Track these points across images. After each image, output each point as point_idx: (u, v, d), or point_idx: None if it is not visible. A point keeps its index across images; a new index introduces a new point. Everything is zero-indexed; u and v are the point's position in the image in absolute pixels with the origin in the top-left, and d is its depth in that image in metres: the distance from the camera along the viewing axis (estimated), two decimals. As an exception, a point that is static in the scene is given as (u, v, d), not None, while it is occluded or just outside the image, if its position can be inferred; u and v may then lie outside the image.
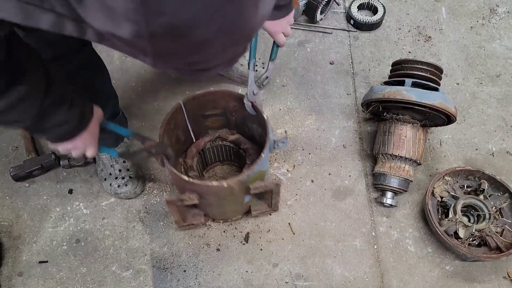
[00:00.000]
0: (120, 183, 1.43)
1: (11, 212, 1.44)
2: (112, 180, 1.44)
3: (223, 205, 1.31)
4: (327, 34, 1.90)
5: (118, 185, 1.43)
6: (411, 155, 1.42)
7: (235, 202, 1.30)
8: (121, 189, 1.43)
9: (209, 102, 1.32)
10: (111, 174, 1.45)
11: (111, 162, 1.46)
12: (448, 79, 1.77)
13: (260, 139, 1.41)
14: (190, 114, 1.33)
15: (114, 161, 1.46)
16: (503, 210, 1.40)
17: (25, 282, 1.32)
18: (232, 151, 1.48)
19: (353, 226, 1.45)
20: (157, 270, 1.35)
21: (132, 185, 1.44)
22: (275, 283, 1.34)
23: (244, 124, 1.42)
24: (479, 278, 1.36)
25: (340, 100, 1.72)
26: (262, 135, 1.38)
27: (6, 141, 1.58)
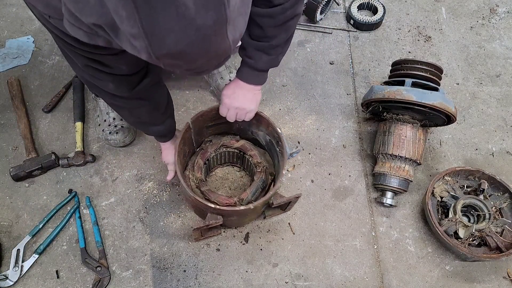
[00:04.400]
0: (111, 130, 1.50)
1: (11, 212, 1.44)
2: (105, 126, 1.52)
3: (243, 219, 1.35)
4: (327, 34, 1.90)
5: (109, 132, 1.50)
6: (411, 155, 1.42)
7: (254, 214, 1.35)
8: (112, 135, 1.50)
9: (215, 115, 1.33)
10: (105, 121, 1.52)
11: (107, 109, 1.53)
12: (448, 79, 1.77)
13: (266, 144, 1.42)
14: (196, 129, 1.35)
15: (110, 108, 1.53)
16: (503, 210, 1.40)
17: (25, 282, 1.32)
18: (236, 155, 1.48)
19: (353, 226, 1.45)
20: (157, 270, 1.35)
21: (123, 134, 1.50)
22: (275, 283, 1.34)
23: (248, 130, 1.43)
24: (479, 278, 1.36)
25: (340, 100, 1.72)
26: (270, 142, 1.38)
27: (6, 141, 1.57)
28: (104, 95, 1.07)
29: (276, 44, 1.13)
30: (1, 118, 1.62)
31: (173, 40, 0.56)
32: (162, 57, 0.60)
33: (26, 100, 1.65)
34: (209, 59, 0.65)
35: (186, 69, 0.67)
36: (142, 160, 1.55)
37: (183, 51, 0.59)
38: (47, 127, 1.61)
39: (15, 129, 1.59)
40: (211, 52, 0.62)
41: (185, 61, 0.63)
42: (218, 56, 0.66)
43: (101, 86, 1.02)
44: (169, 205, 1.46)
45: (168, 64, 0.63)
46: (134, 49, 0.61)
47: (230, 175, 1.54)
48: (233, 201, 1.29)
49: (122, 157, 1.55)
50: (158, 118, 1.21)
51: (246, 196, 1.31)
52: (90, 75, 0.98)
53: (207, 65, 0.67)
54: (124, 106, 1.12)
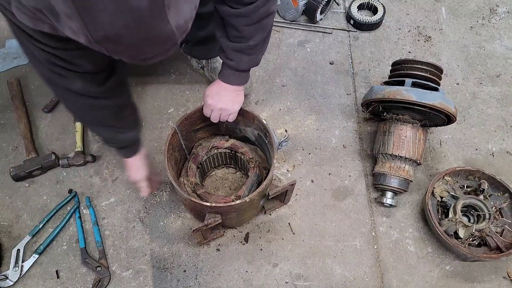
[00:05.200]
0: None
1: (11, 212, 1.44)
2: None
3: (242, 215, 1.34)
4: (327, 34, 1.90)
5: None
6: (411, 155, 1.42)
7: (253, 208, 1.35)
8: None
9: (200, 117, 1.33)
10: None
11: None
12: (448, 79, 1.77)
13: (256, 139, 1.42)
14: (184, 133, 1.35)
15: None
16: (503, 210, 1.40)
17: (25, 282, 1.32)
18: (228, 156, 1.48)
19: (353, 226, 1.45)
20: (157, 270, 1.35)
21: None
22: (275, 283, 1.34)
23: (236, 128, 1.43)
24: (479, 278, 1.36)
25: (340, 100, 1.72)
26: (259, 136, 1.38)
27: (6, 141, 1.58)
28: (69, 95, 1.01)
29: (254, 44, 1.14)
30: (1, 118, 1.62)
31: (108, 21, 0.55)
32: (101, 41, 0.58)
33: (26, 100, 1.65)
34: (150, 45, 0.63)
35: (130, 55, 0.64)
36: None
37: (120, 34, 0.57)
38: (47, 127, 1.61)
39: (15, 129, 1.59)
40: (150, 36, 0.60)
41: (125, 46, 0.60)
42: (160, 42, 0.63)
43: (67, 85, 0.97)
44: (169, 205, 1.46)
45: (110, 49, 0.61)
46: (73, 33, 0.58)
47: (230, 175, 1.54)
48: (230, 199, 1.30)
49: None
50: (125, 121, 1.16)
51: (243, 193, 1.31)
52: (55, 73, 0.93)
53: (150, 51, 0.65)
54: (91, 106, 1.05)
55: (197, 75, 1.76)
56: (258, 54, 1.20)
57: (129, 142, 1.21)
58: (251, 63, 1.21)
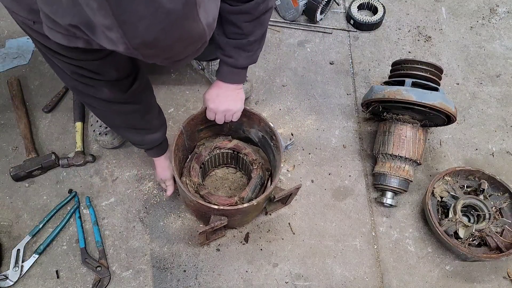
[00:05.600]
0: (101, 131, 1.51)
1: (11, 212, 1.44)
2: (96, 127, 1.53)
3: (246, 216, 1.35)
4: (327, 34, 1.90)
5: (99, 133, 1.51)
6: (411, 155, 1.42)
7: (257, 210, 1.36)
8: (101, 137, 1.50)
9: (205, 117, 1.33)
10: (97, 121, 1.54)
11: None
12: (448, 79, 1.77)
13: (259, 141, 1.42)
14: (188, 133, 1.36)
15: None
16: (503, 210, 1.40)
17: (25, 282, 1.32)
18: (230, 156, 1.49)
19: (353, 226, 1.45)
20: (157, 270, 1.35)
21: (111, 136, 1.51)
22: (275, 283, 1.34)
23: (240, 128, 1.43)
24: (479, 278, 1.36)
25: (340, 100, 1.72)
26: (263, 138, 1.38)
27: (6, 141, 1.57)
28: (98, 103, 1.06)
29: (253, 40, 1.15)
30: (1, 118, 1.62)
31: (145, 27, 0.57)
32: (139, 47, 0.60)
33: (26, 100, 1.65)
34: (185, 45, 0.65)
35: (165, 57, 0.67)
36: (142, 160, 1.55)
37: (158, 38, 0.59)
38: (47, 127, 1.61)
39: (15, 129, 1.59)
40: (185, 37, 0.62)
41: (162, 49, 0.63)
42: (193, 42, 0.66)
43: (94, 93, 1.01)
44: (169, 205, 1.46)
45: (146, 54, 0.63)
46: (111, 43, 0.61)
47: (230, 175, 1.54)
48: (234, 200, 1.30)
49: (122, 157, 1.55)
50: (152, 123, 1.21)
51: (246, 194, 1.31)
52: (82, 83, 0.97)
53: (184, 52, 0.67)
54: (119, 111, 1.11)
55: (197, 75, 1.76)
56: (256, 50, 1.20)
57: (157, 142, 1.27)
58: (250, 60, 1.21)
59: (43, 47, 0.87)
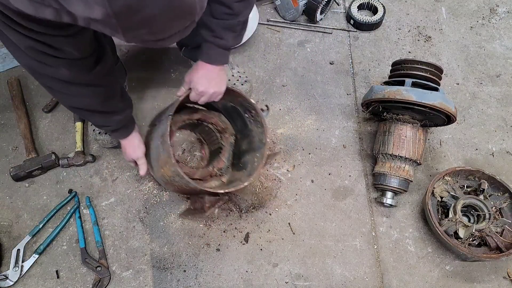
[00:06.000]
0: (101, 130, 1.50)
1: (11, 212, 1.44)
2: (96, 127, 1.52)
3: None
4: (327, 34, 1.90)
5: (99, 132, 1.50)
6: (411, 155, 1.42)
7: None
8: (100, 136, 1.50)
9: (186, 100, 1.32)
10: None
11: None
12: (448, 79, 1.77)
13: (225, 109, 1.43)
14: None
15: None
16: (503, 210, 1.40)
17: (25, 282, 1.32)
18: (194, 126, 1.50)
19: (353, 226, 1.45)
20: (157, 270, 1.35)
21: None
22: (275, 283, 1.34)
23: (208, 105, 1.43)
24: (479, 278, 1.36)
25: (340, 100, 1.72)
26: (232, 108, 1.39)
27: (6, 141, 1.58)
28: (56, 84, 0.98)
29: (242, 20, 1.15)
30: (1, 118, 1.62)
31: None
32: (120, 13, 0.53)
33: (26, 100, 1.65)
34: (172, 17, 0.59)
35: (147, 32, 0.60)
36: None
37: (143, 2, 0.53)
38: (47, 127, 1.61)
39: (15, 129, 1.59)
40: (174, 6, 0.56)
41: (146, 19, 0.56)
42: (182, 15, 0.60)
43: (52, 73, 0.94)
44: (169, 205, 1.46)
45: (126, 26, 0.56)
46: (87, 6, 0.53)
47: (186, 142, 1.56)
48: (214, 172, 1.36)
49: (122, 157, 1.54)
50: (117, 106, 1.17)
51: (223, 164, 1.38)
52: (38, 61, 0.89)
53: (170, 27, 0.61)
54: (79, 94, 1.04)
55: (197, 75, 1.76)
56: (241, 31, 1.19)
57: (122, 124, 1.22)
58: (237, 40, 1.20)
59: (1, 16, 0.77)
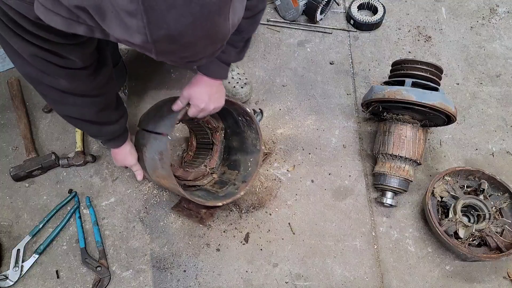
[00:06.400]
0: None
1: (11, 212, 1.44)
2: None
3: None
4: (327, 34, 1.90)
5: None
6: (411, 155, 1.42)
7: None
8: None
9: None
10: None
11: None
12: (448, 79, 1.77)
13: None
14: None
15: None
16: (503, 210, 1.40)
17: (25, 282, 1.32)
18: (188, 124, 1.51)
19: (353, 226, 1.45)
20: (157, 270, 1.35)
21: None
22: (275, 283, 1.34)
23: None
24: (479, 278, 1.36)
25: (340, 100, 1.72)
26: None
27: (6, 141, 1.58)
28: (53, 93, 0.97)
29: (246, 38, 1.15)
30: (1, 118, 1.62)
31: (174, 17, 0.51)
32: (160, 40, 0.54)
33: (26, 100, 1.65)
34: (207, 44, 0.60)
35: (181, 56, 0.61)
36: (142, 160, 1.55)
37: (184, 32, 0.54)
38: (47, 127, 1.61)
39: (15, 129, 1.59)
40: (211, 34, 0.58)
41: (183, 46, 0.57)
42: (217, 41, 0.61)
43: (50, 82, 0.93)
44: (169, 205, 1.46)
45: (162, 50, 0.57)
46: (126, 31, 0.54)
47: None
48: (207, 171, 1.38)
49: (122, 157, 1.55)
50: (110, 117, 1.15)
51: (215, 163, 1.40)
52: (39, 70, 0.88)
53: (203, 51, 0.63)
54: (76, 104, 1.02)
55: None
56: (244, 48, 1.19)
57: (115, 134, 1.20)
58: (239, 56, 1.19)
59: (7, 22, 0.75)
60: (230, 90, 1.62)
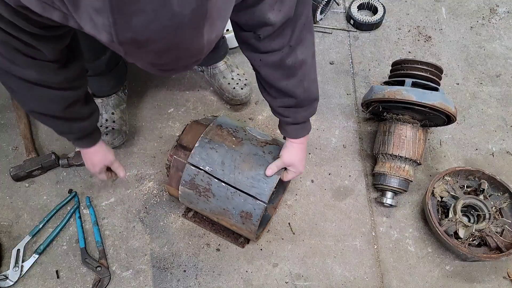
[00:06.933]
0: (102, 131, 1.49)
1: (11, 212, 1.44)
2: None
3: None
4: (327, 34, 1.90)
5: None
6: (411, 155, 1.42)
7: None
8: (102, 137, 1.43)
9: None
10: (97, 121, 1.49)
11: (101, 110, 1.52)
12: (448, 79, 1.77)
13: None
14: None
15: (104, 110, 1.53)
16: (503, 210, 1.40)
17: (25, 282, 1.32)
18: None
19: (353, 226, 1.45)
20: (157, 270, 1.35)
21: (112, 136, 1.50)
22: (275, 283, 1.34)
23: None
24: (479, 278, 1.36)
25: (340, 100, 1.72)
26: None
27: (6, 141, 1.58)
28: (19, 84, 0.92)
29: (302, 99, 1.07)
30: (1, 118, 1.62)
31: (142, 22, 0.49)
32: (126, 43, 0.52)
33: (26, 100, 1.65)
34: (178, 57, 0.58)
35: (149, 62, 0.59)
36: (142, 160, 1.55)
37: (151, 39, 0.52)
38: (47, 127, 1.60)
39: (15, 129, 1.59)
40: (182, 47, 0.56)
41: (150, 52, 0.55)
42: (189, 55, 0.59)
43: (18, 72, 0.88)
44: (169, 205, 1.46)
45: (130, 53, 0.55)
46: (94, 28, 0.52)
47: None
48: None
49: (122, 157, 1.55)
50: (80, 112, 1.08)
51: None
52: (7, 59, 0.84)
53: (174, 63, 0.61)
54: (43, 97, 0.97)
55: (197, 76, 1.76)
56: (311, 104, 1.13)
57: (86, 132, 1.14)
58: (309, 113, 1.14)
59: None
60: (230, 91, 1.62)
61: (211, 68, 1.64)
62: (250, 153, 1.19)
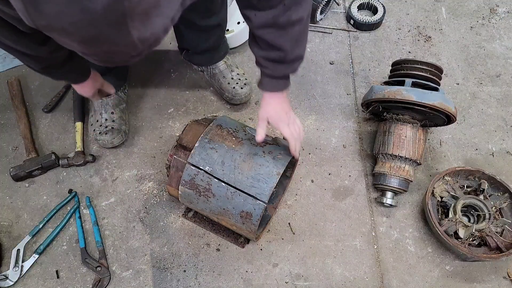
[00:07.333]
0: (101, 131, 1.51)
1: (11, 212, 1.44)
2: (96, 126, 1.53)
3: None
4: (327, 34, 1.90)
5: (99, 132, 1.51)
6: (411, 155, 1.42)
7: None
8: (101, 136, 1.50)
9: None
10: (97, 121, 1.54)
11: (101, 109, 1.54)
12: (448, 79, 1.77)
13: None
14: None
15: (104, 109, 1.54)
16: (503, 210, 1.40)
17: (25, 282, 1.32)
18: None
19: (353, 226, 1.45)
20: (157, 270, 1.35)
21: (111, 135, 1.51)
22: (275, 283, 1.34)
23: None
24: (479, 278, 1.36)
25: (340, 100, 1.72)
26: None
27: (6, 141, 1.58)
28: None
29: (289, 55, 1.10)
30: (1, 118, 1.62)
31: (54, 11, 0.49)
32: (45, 30, 0.52)
33: (26, 100, 1.65)
34: (108, 51, 0.58)
35: (80, 51, 0.59)
36: (142, 160, 1.55)
37: (67, 30, 0.51)
38: (47, 127, 1.61)
39: (15, 129, 1.59)
40: (106, 42, 0.55)
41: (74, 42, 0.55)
42: (120, 51, 0.59)
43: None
44: (169, 205, 1.46)
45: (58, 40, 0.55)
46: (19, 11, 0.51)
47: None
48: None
49: (122, 157, 1.55)
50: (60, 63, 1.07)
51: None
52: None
53: (107, 56, 0.60)
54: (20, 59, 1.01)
55: (197, 76, 1.76)
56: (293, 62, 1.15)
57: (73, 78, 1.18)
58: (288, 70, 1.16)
59: None
60: (230, 90, 1.62)
61: (211, 68, 1.64)
62: (250, 153, 1.19)
